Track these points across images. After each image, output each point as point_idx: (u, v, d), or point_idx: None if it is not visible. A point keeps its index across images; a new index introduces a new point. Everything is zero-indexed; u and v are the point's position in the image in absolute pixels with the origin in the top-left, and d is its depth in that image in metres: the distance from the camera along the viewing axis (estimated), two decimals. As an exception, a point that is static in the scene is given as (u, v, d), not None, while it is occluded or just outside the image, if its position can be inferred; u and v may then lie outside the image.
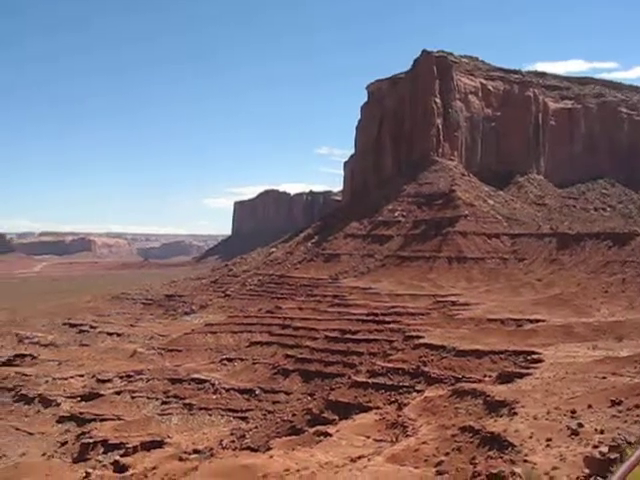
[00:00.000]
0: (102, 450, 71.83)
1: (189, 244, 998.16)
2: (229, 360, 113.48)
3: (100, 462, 66.00)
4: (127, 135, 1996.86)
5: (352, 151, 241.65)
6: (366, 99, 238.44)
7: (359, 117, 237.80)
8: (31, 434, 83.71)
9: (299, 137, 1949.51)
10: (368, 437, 52.01)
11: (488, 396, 46.61)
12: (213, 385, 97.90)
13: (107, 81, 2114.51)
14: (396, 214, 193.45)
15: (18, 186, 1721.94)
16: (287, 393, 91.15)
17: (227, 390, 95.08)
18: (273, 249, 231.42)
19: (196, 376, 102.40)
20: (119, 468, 59.78)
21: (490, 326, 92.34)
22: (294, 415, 76.01)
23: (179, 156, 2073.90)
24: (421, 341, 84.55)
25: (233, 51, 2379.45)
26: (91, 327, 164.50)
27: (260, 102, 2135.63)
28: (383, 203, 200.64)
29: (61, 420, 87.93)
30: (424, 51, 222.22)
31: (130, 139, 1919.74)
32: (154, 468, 54.69)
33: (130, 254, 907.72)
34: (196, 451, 61.47)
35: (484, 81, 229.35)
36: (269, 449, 54.97)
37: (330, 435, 54.06)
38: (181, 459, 58.64)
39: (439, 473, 34.39)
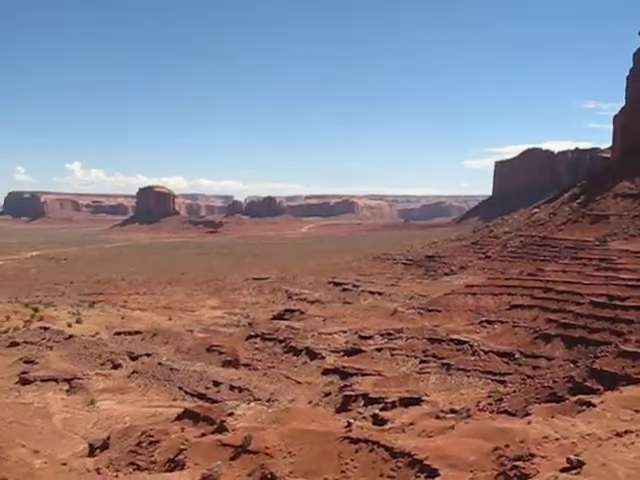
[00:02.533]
0: (362, 403, 75.01)
1: (449, 205, 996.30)
2: (489, 322, 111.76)
3: (360, 414, 69.00)
4: (384, 97, 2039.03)
5: (622, 104, 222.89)
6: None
7: (631, 65, 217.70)
8: (299, 383, 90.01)
9: (562, 91, 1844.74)
10: (637, 411, 48.29)
11: None
12: (472, 346, 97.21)
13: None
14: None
15: (291, 155, 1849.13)
16: (548, 359, 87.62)
17: (486, 352, 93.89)
18: (536, 210, 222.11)
19: (455, 337, 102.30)
20: (378, 421, 61.97)
21: None
22: (555, 382, 72.88)
23: (438, 117, 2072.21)
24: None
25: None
26: (354, 286, 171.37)
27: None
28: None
29: (325, 372, 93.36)
30: None
31: (387, 101, 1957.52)
32: (411, 424, 55.83)
33: (391, 216, 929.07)
34: (453, 411, 61.57)
35: None
36: (527, 414, 53.26)
37: (594, 405, 51.02)
38: (438, 417, 59.12)
39: None
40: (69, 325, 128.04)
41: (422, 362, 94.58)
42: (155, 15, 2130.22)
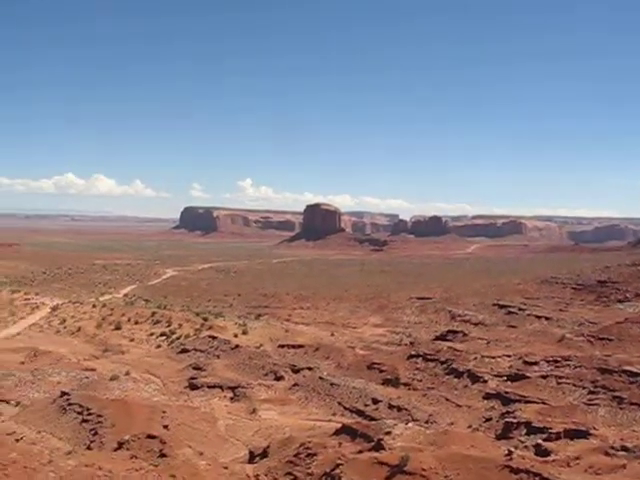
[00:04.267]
0: (524, 431, 71.56)
1: (624, 228, 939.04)
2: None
3: (522, 442, 65.77)
4: (556, 116, 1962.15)
5: None
6: None
7: None
8: (459, 406, 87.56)
9: None
10: None
11: None
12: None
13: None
14: None
15: (457, 174, 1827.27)
16: None
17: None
18: None
19: (628, 368, 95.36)
20: (541, 452, 58.78)
21: None
22: None
23: (611, 136, 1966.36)
24: None
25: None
26: (519, 309, 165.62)
27: None
28: None
29: (487, 397, 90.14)
30: None
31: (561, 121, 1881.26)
32: (577, 458, 52.66)
33: (560, 237, 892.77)
34: (624, 448, 57.06)
35: None
36: None
37: None
38: (607, 454, 55.13)
39: None
40: (235, 335, 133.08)
41: (590, 393, 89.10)
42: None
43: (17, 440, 61.09)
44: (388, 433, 58.05)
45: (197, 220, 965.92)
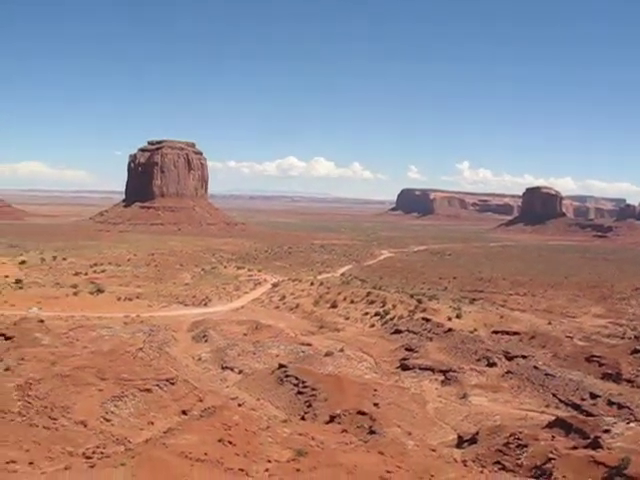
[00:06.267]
0: None
1: None
2: None
3: None
4: None
5: None
6: None
7: None
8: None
9: None
10: None
11: None
12: None
13: None
14: None
15: None
16: None
17: None
18: None
19: None
20: None
21: None
22: None
23: None
24: None
25: None
26: None
27: None
28: None
29: None
30: None
31: None
32: None
33: None
34: None
35: None
36: None
37: None
38: None
39: None
40: (449, 319, 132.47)
41: None
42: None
43: (239, 405, 65.74)
44: (607, 431, 54.81)
45: (413, 202, 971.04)
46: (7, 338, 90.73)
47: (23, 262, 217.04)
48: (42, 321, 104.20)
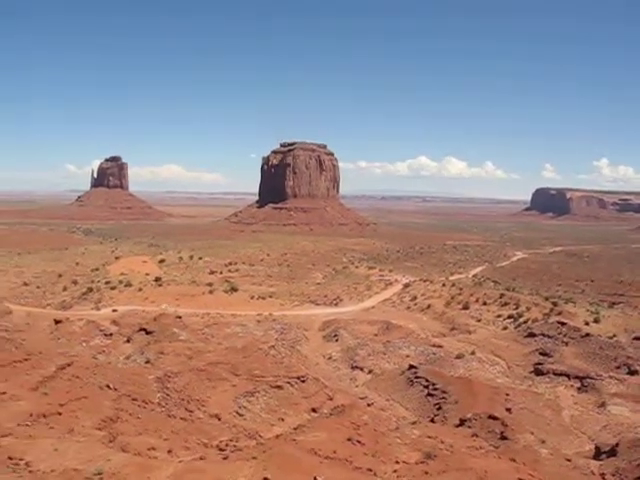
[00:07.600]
0: None
1: None
2: None
3: None
4: None
5: None
6: None
7: None
8: None
9: None
10: None
11: None
12: None
13: None
14: None
15: None
16: None
17: None
18: None
19: None
20: None
21: None
22: None
23: None
24: None
25: None
26: None
27: None
28: None
29: None
30: None
31: None
32: None
33: None
34: None
35: None
36: None
37: None
38: None
39: None
40: (586, 323, 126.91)
41: None
42: None
43: (369, 405, 66.19)
44: None
45: (548, 202, 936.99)
46: (148, 332, 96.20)
47: (162, 261, 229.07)
48: (180, 317, 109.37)
